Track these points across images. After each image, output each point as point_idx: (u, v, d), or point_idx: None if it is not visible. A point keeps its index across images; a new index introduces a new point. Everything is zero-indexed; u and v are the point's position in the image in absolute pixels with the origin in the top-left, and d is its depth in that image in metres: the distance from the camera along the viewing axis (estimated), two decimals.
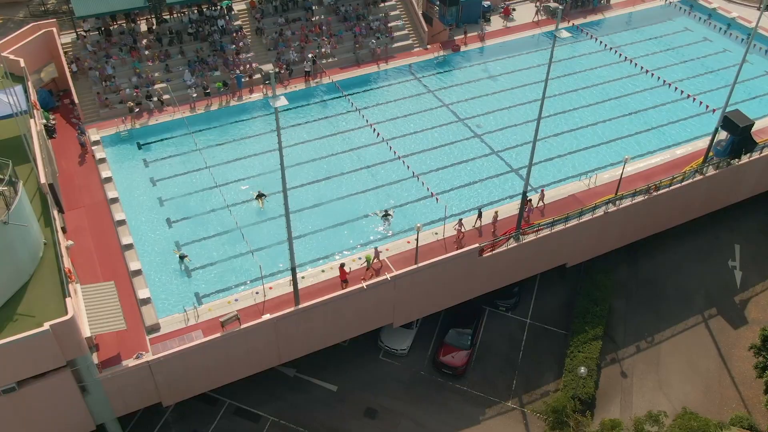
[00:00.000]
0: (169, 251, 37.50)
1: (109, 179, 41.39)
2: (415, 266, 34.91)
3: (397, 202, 41.21)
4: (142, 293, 33.91)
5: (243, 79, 49.53)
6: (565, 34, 30.00)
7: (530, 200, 38.87)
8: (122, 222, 38.30)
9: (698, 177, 42.13)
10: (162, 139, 45.90)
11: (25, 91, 41.37)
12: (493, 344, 40.73)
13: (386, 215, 39.25)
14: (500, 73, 54.04)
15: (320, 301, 33.14)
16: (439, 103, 50.41)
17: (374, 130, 45.69)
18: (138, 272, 35.27)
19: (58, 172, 41.98)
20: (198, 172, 43.22)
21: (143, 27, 50.48)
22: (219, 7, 51.87)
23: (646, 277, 44.82)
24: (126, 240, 37.04)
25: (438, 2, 56.42)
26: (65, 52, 47.59)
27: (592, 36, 55.77)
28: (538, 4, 60.97)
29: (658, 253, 46.07)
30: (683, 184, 41.45)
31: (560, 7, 30.30)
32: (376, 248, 36.19)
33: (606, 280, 42.42)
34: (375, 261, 35.94)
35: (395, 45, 54.87)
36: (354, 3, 55.69)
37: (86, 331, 28.42)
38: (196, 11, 51.50)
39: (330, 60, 52.61)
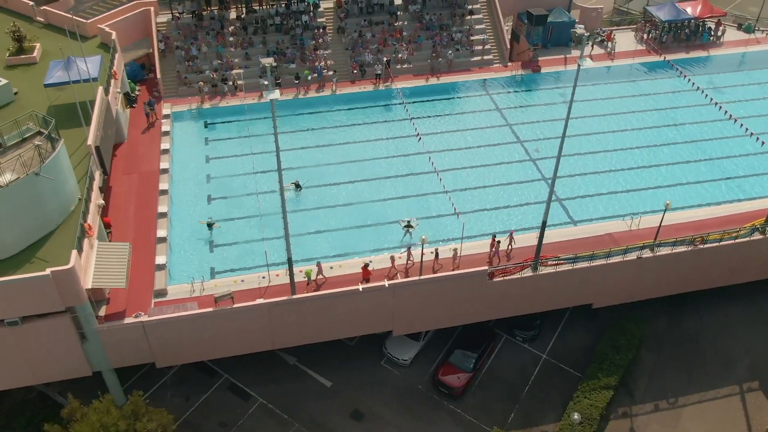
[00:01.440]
0: (200, 224, 39.67)
1: (166, 151, 44.39)
2: (416, 278, 34.77)
3: (428, 214, 41.06)
4: (160, 259, 36.24)
5: (323, 72, 51.33)
6: (589, 63, 28.63)
7: (499, 241, 37.49)
8: (165, 191, 40.99)
9: (757, 236, 38.66)
10: (226, 122, 48.51)
11: (111, 61, 45.24)
12: (501, 373, 39.56)
13: (408, 225, 39.24)
14: (578, 99, 52.03)
15: (314, 295, 33.89)
16: (503, 121, 49.53)
17: (419, 138, 45.72)
18: (163, 239, 37.67)
19: (127, 139, 45.63)
20: (249, 156, 45.27)
21: (233, 15, 53.52)
22: (306, 3, 53.97)
23: (687, 334, 41.67)
24: (162, 208, 39.63)
25: (526, 21, 55.36)
26: (158, 31, 51.48)
27: (682, 73, 52.41)
28: (637, 34, 58.21)
29: (705, 311, 42.71)
30: (736, 241, 38.20)
31: (585, 33, 28.81)
32: (318, 263, 35.90)
33: (635, 328, 39.89)
34: (319, 277, 35.75)
35: (474, 58, 54.47)
36: (439, 12, 55.87)
37: (87, 283, 30.91)
38: (283, 5, 53.89)
39: (405, 66, 53.13)
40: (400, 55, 53.24)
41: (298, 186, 42.29)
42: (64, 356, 32.56)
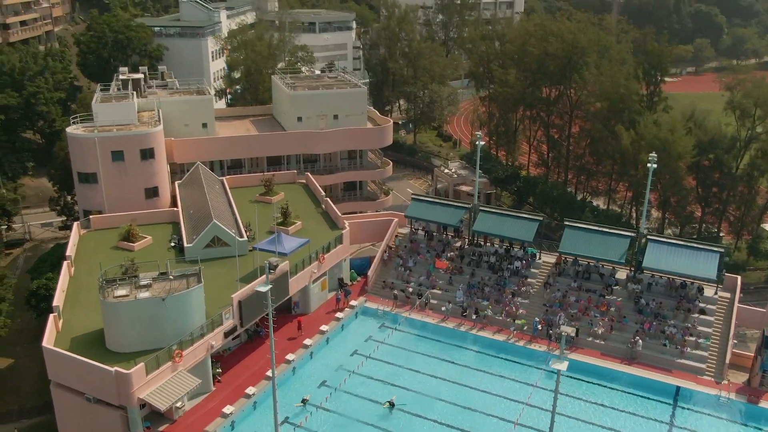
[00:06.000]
0: (292, 400, 43.56)
1: (323, 332, 50.16)
2: None
3: None
4: (228, 409, 41.37)
5: (538, 328, 50.61)
6: (558, 365, 24.77)
7: None
8: (289, 361, 46.48)
9: None
10: (397, 330, 52.05)
11: (326, 249, 54.13)
12: None
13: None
14: None
15: None
16: None
17: (518, 419, 41.52)
18: (249, 395, 42.84)
19: (310, 312, 53.04)
20: (385, 363, 47.77)
21: (458, 243, 58.01)
22: (524, 251, 55.22)
23: None
24: (270, 373, 44.85)
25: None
26: (395, 238, 59.25)
27: None
28: None
29: None
30: None
31: (569, 335, 25.03)
32: None
33: None
34: None
35: (681, 361, 46.93)
36: (661, 300, 50.28)
37: (142, 393, 37.90)
38: (504, 247, 56.13)
39: (596, 341, 48.97)
40: (595, 329, 49.46)
41: (392, 405, 42.99)
42: None
